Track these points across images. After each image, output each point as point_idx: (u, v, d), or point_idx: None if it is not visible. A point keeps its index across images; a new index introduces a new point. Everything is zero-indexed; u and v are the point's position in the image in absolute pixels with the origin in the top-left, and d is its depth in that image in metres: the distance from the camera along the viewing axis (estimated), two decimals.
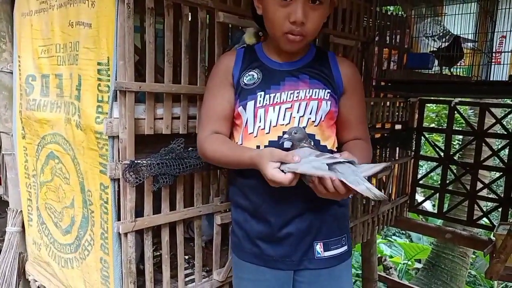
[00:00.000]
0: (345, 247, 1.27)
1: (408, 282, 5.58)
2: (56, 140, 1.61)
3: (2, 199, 3.25)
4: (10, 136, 1.90)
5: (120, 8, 1.26)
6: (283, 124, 1.16)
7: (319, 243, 1.22)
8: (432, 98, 3.13)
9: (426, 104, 3.13)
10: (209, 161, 1.22)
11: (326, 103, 1.18)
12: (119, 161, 1.34)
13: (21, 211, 1.92)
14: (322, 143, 1.18)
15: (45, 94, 1.65)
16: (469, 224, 2.96)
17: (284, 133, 1.14)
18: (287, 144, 1.12)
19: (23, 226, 1.93)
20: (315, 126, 1.17)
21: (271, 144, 1.16)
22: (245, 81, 1.21)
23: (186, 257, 1.97)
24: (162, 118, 1.44)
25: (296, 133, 1.07)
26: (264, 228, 1.23)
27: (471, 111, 5.15)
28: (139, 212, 1.44)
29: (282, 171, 0.98)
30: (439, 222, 4.68)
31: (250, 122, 1.20)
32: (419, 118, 3.09)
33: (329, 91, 1.20)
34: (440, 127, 5.70)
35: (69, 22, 1.47)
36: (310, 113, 1.17)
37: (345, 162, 0.97)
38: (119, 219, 1.39)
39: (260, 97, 1.18)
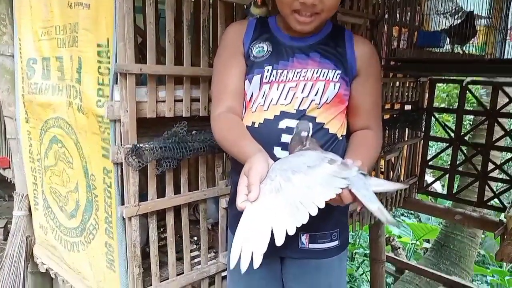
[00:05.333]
0: (336, 242, 1.19)
1: (417, 262, 5.59)
2: (59, 124, 1.59)
3: (12, 182, 3.29)
4: (13, 120, 1.89)
5: None
6: (283, 104, 1.10)
7: (305, 234, 1.16)
8: (443, 77, 3.05)
9: (437, 84, 3.05)
10: (217, 142, 1.17)
11: (334, 85, 1.11)
12: (121, 145, 1.32)
13: (27, 195, 1.92)
14: (325, 126, 1.11)
15: (46, 77, 1.62)
16: (480, 205, 2.91)
17: (282, 113, 1.09)
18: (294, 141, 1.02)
19: (30, 210, 1.94)
20: (317, 108, 1.11)
21: (266, 122, 1.11)
22: (254, 53, 1.15)
23: (194, 238, 1.98)
24: (164, 101, 1.41)
25: (304, 131, 0.96)
26: None
27: (483, 90, 5.03)
28: (144, 195, 1.43)
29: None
30: (447, 203, 4.64)
31: (254, 97, 1.14)
32: (430, 98, 3.02)
33: (340, 72, 1.12)
34: (451, 107, 5.59)
35: (68, 2, 1.43)
36: (315, 95, 1.10)
37: (357, 173, 0.87)
38: (123, 203, 1.38)
39: (267, 72, 1.11)
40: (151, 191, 1.44)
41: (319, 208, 0.79)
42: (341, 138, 1.15)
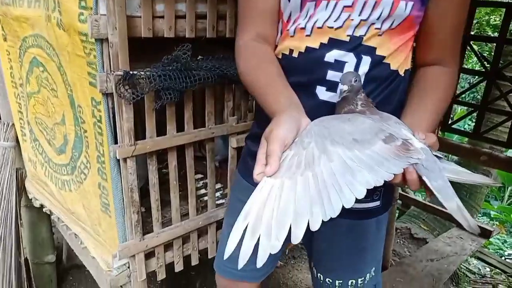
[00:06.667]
0: (377, 203, 0.98)
1: (423, 198, 5.52)
2: (39, 43, 1.33)
3: None
4: None
5: None
6: (332, 27, 0.82)
7: None
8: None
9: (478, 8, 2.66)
10: (241, 80, 0.92)
11: (406, 4, 0.79)
12: (110, 71, 1.07)
13: (13, 124, 1.71)
14: (386, 60, 0.83)
15: None
16: (509, 146, 2.69)
17: (330, 40, 0.82)
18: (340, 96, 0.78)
19: (18, 141, 1.74)
20: (378, 35, 0.81)
21: (309, 52, 0.84)
22: None
23: (199, 176, 1.80)
24: (163, 17, 1.13)
25: (356, 81, 0.75)
26: None
27: None
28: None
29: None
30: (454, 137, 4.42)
31: (293, 17, 0.87)
32: (468, 25, 2.65)
33: None
34: (485, 36, 5.12)
35: None
36: (378, 18, 0.80)
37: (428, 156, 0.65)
38: (116, 142, 1.16)
39: None
40: (150, 129, 1.21)
41: None
42: (403, 74, 0.87)
